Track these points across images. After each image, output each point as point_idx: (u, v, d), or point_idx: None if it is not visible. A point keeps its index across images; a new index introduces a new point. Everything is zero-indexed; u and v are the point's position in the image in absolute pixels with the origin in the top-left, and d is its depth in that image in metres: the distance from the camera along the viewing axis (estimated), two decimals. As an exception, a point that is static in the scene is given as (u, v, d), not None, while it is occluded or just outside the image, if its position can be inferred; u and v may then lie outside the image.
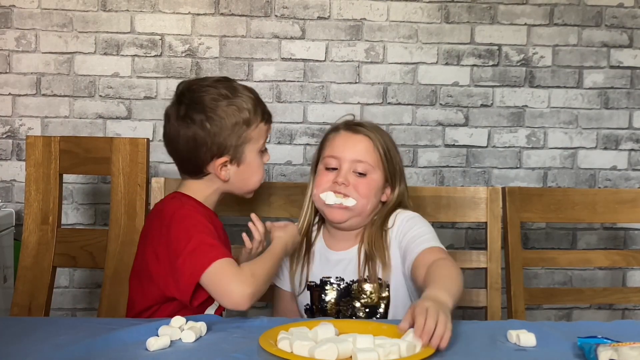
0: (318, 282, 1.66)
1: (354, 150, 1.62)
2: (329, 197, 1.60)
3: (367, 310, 1.63)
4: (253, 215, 1.55)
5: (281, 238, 1.52)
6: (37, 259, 1.80)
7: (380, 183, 1.64)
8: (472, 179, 2.65)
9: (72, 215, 2.55)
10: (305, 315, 1.68)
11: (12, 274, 2.36)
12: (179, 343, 1.16)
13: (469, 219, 1.93)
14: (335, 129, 1.69)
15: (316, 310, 1.66)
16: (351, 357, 1.10)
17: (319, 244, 1.70)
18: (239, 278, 1.33)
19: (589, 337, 1.16)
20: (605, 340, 1.14)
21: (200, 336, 1.20)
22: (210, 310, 1.48)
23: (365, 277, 1.62)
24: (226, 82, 1.53)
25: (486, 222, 1.90)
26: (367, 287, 1.62)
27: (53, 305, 1.89)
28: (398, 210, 1.66)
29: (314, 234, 1.71)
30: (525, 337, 1.19)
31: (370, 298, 1.62)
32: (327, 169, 1.63)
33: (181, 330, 1.19)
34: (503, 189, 1.92)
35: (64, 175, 1.87)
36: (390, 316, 1.63)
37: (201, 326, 1.21)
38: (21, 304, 1.77)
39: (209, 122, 1.45)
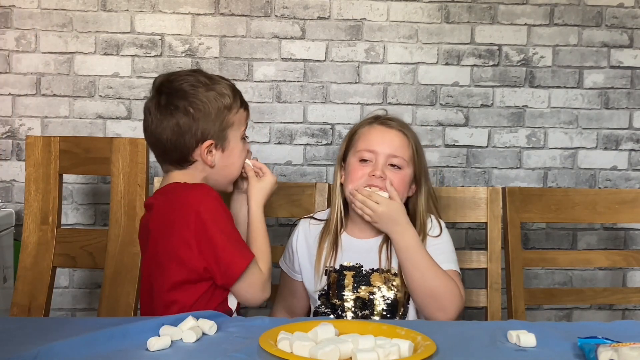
0: (337, 267, 1.67)
1: (391, 145, 1.65)
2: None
3: (387, 301, 1.63)
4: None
5: (256, 195, 1.57)
6: (37, 259, 1.80)
7: (411, 179, 1.68)
8: (472, 179, 2.65)
9: (72, 216, 2.55)
10: (318, 302, 1.67)
11: (12, 274, 2.36)
12: (179, 343, 1.16)
13: (469, 219, 1.93)
14: (368, 122, 1.72)
15: (332, 295, 1.65)
16: (351, 357, 1.10)
17: (343, 234, 1.71)
18: (262, 283, 1.48)
19: (589, 337, 1.16)
20: (605, 340, 1.14)
21: (201, 336, 1.20)
22: (233, 300, 1.51)
23: (384, 267, 1.64)
24: (201, 72, 1.56)
25: (486, 222, 1.91)
26: (391, 277, 1.63)
27: (53, 305, 1.89)
28: (431, 217, 1.70)
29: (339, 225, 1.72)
30: (525, 338, 1.19)
31: (390, 288, 1.62)
32: (361, 161, 1.65)
33: (181, 330, 1.19)
34: (503, 189, 1.92)
35: (64, 175, 1.87)
36: (410, 308, 1.64)
37: (201, 326, 1.21)
38: (21, 304, 1.77)
39: (192, 107, 1.49)
